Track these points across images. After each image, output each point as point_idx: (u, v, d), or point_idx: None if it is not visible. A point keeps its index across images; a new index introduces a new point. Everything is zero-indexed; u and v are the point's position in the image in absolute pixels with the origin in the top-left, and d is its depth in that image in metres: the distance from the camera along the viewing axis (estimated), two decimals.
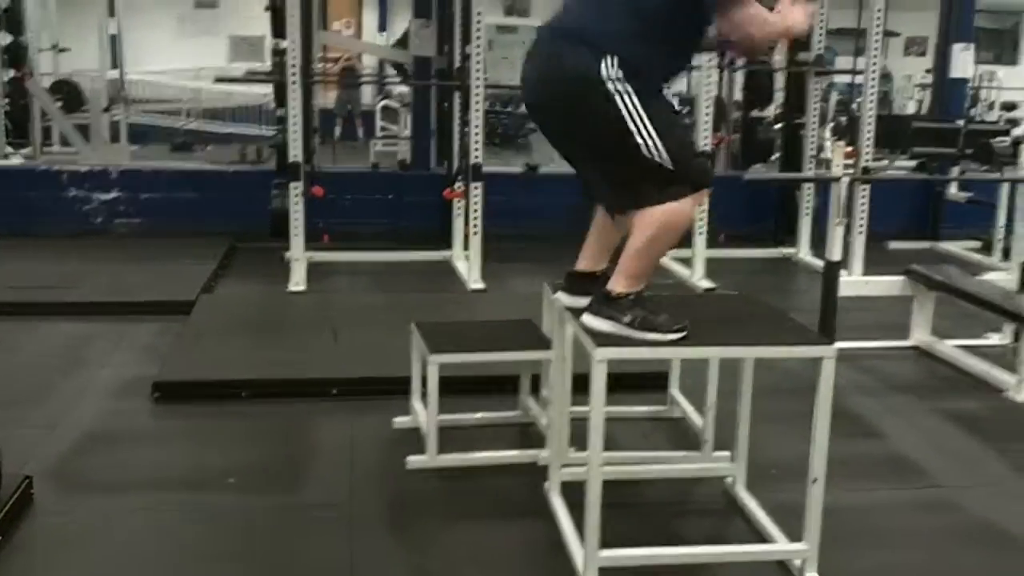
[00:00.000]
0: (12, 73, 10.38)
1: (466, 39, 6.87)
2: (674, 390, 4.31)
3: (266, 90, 10.80)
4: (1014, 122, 12.62)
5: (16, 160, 9.65)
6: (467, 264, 6.82)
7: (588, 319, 3.01)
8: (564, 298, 3.26)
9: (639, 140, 2.84)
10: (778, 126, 8.96)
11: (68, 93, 11.97)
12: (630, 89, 2.83)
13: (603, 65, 2.82)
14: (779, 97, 9.15)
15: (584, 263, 3.28)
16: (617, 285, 2.98)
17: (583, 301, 3.09)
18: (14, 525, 3.18)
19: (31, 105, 10.23)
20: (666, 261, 7.39)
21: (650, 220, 2.91)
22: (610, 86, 2.83)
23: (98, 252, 7.31)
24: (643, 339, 2.93)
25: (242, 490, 3.52)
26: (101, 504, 3.47)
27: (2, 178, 8.29)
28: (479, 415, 4.16)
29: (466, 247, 6.88)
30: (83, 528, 3.27)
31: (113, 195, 8.06)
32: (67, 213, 7.99)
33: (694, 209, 3.04)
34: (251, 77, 9.47)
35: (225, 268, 7.01)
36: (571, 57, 2.88)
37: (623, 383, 3.59)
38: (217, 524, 3.34)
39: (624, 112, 2.84)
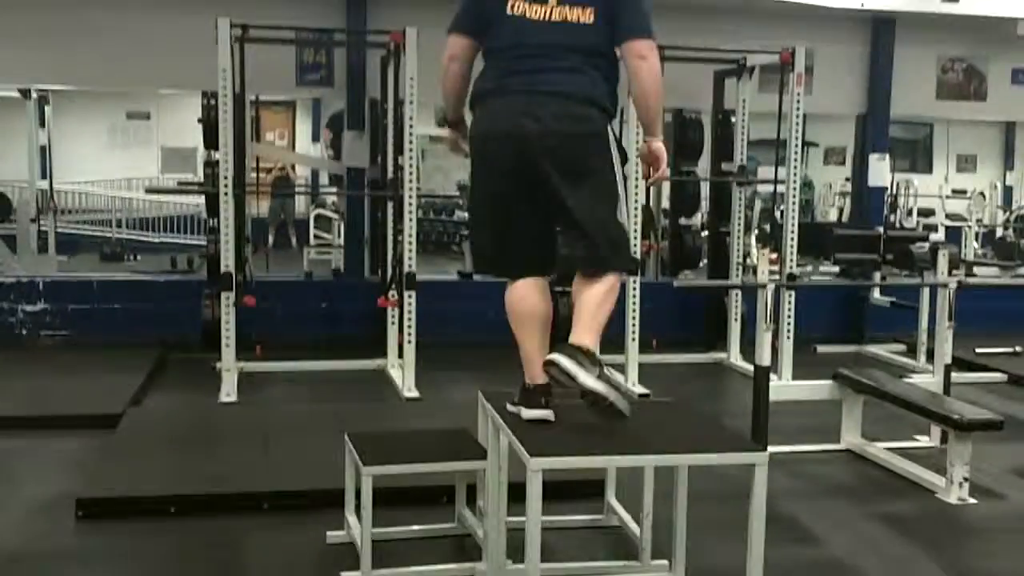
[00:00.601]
0: None
1: (399, 150, 6.97)
2: (610, 497, 4.29)
3: (198, 200, 10.80)
4: (931, 228, 13.14)
5: None
6: (401, 372, 6.79)
7: (587, 381, 3.05)
8: (528, 413, 3.27)
9: (622, 207, 3.18)
10: (705, 233, 9.17)
11: None
12: (619, 159, 3.16)
13: (610, 129, 3.15)
14: (705, 205, 9.39)
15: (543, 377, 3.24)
16: (586, 340, 3.14)
17: (547, 413, 3.22)
18: None
19: None
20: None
21: (608, 283, 3.17)
22: (614, 150, 3.15)
23: (22, 365, 7.15)
24: (608, 396, 3.04)
25: None
26: None
27: None
28: (415, 527, 4.11)
29: (400, 355, 6.85)
30: None
31: (40, 307, 7.91)
32: None
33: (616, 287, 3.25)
34: (183, 188, 9.47)
35: (154, 379, 6.88)
36: (586, 118, 3.13)
37: (560, 491, 3.58)
38: None
39: (617, 177, 3.16)
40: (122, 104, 16.60)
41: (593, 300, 3.18)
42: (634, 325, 6.93)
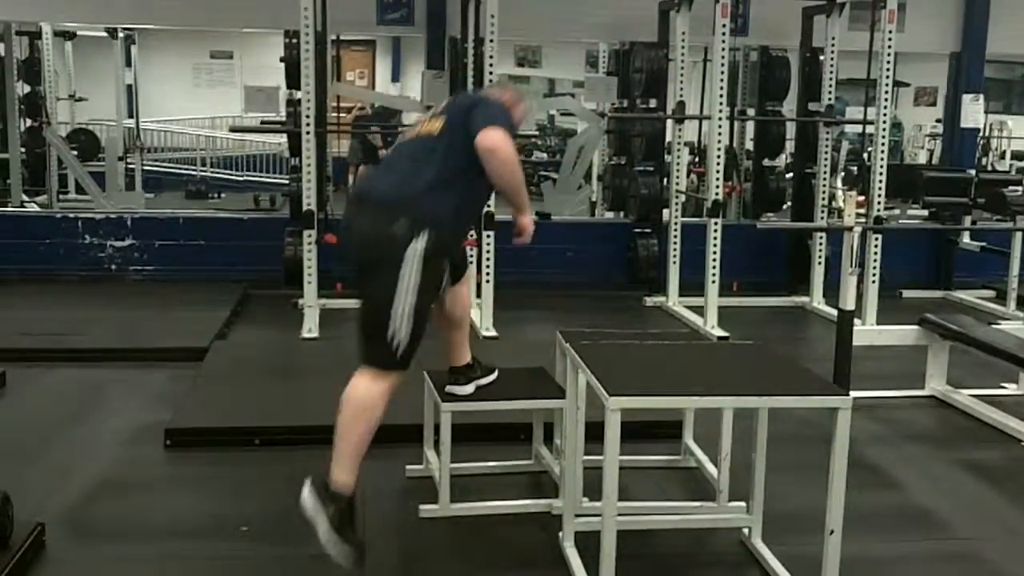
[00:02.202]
0: (30, 122, 10.50)
1: (476, 89, 6.92)
2: (688, 439, 4.29)
3: (280, 139, 10.88)
4: None
5: (32, 208, 9.74)
6: (479, 312, 6.82)
7: (305, 496, 3.15)
8: (455, 389, 3.76)
9: (393, 309, 3.16)
10: (789, 175, 8.99)
11: (84, 142, 12.12)
12: (422, 263, 3.15)
13: (412, 243, 3.13)
14: (790, 146, 9.19)
15: (453, 360, 3.80)
16: (336, 475, 3.18)
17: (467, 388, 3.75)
18: (25, 572, 3.17)
19: (48, 154, 10.35)
20: (679, 310, 7.40)
21: (353, 403, 3.25)
22: (408, 257, 3.14)
23: (112, 299, 7.35)
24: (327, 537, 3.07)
25: (255, 539, 3.50)
26: (113, 552, 3.46)
27: (19, 225, 8.34)
28: (492, 464, 4.15)
29: (478, 295, 6.88)
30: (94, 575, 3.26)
31: (128, 242, 8.10)
32: (82, 260, 8.03)
33: (390, 388, 3.26)
34: (266, 127, 9.54)
35: (238, 315, 7.03)
36: (391, 234, 3.15)
37: (636, 432, 3.58)
38: (228, 573, 3.31)
39: (400, 284, 3.14)
40: (206, 44, 16.76)
41: (340, 423, 3.26)
42: (714, 268, 6.85)
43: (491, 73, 6.56)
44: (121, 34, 11.98)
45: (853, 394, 3.11)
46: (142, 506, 3.84)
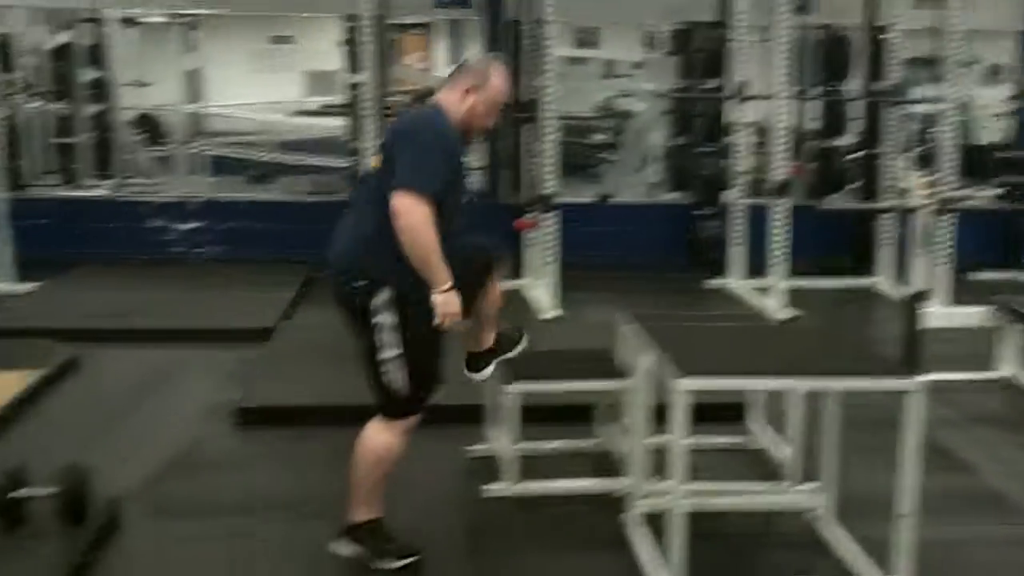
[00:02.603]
0: (96, 108, 10.69)
1: (537, 71, 6.91)
2: (755, 421, 4.25)
3: (341, 122, 10.94)
4: None
5: (99, 192, 9.92)
6: (540, 293, 6.82)
7: (339, 544, 3.25)
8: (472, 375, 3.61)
9: (383, 368, 3.11)
10: (854, 156, 8.85)
11: (150, 127, 12.30)
12: (395, 321, 3.05)
13: (372, 303, 3.04)
14: (855, 126, 9.04)
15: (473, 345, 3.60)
16: (356, 514, 3.25)
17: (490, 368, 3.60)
18: (102, 548, 3.24)
19: (113, 139, 10.53)
20: (741, 292, 7.33)
21: (362, 454, 3.22)
22: (376, 316, 3.05)
23: (178, 281, 7.46)
24: (379, 567, 3.19)
25: (322, 516, 3.54)
26: (184, 528, 3.53)
27: (86, 209, 8.50)
28: (556, 444, 4.15)
29: (539, 276, 6.89)
30: (167, 551, 3.33)
31: (193, 225, 8.22)
32: (148, 243, 8.16)
33: (401, 441, 3.23)
34: (327, 110, 9.61)
35: (303, 296, 7.10)
36: (352, 296, 3.11)
37: (703, 413, 3.56)
38: (298, 549, 3.36)
39: (378, 338, 3.07)
40: (266, 29, 16.92)
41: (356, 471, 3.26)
42: (778, 249, 6.77)
43: (549, 56, 6.53)
44: (184, 20, 12.12)
45: (923, 377, 3.06)
46: (213, 484, 3.91)
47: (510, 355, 3.64)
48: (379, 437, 3.20)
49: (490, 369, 3.60)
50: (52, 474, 3.21)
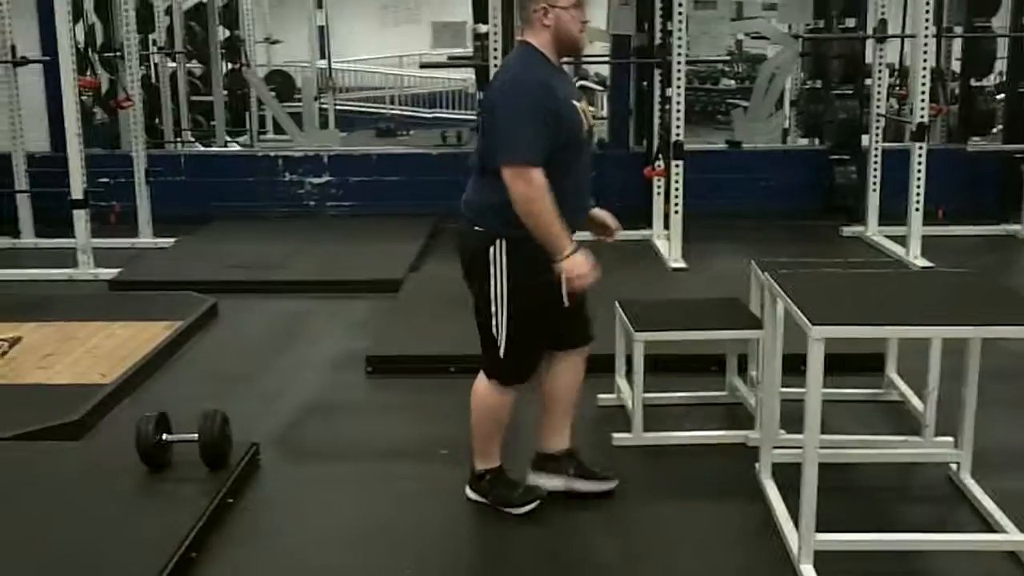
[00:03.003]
0: (230, 66, 10.98)
1: (667, 16, 6.77)
2: (891, 372, 4.12)
3: (467, 74, 10.98)
4: None
5: (235, 147, 10.21)
6: (667, 243, 6.74)
7: (468, 491, 3.30)
8: (535, 478, 3.34)
9: (493, 320, 3.05)
10: (1000, 96, 8.42)
11: (281, 83, 12.59)
12: (507, 275, 2.98)
13: (491, 250, 2.97)
14: (1001, 64, 8.59)
15: (541, 444, 3.38)
16: (477, 462, 3.27)
17: (554, 481, 3.30)
18: (243, 489, 3.37)
19: (248, 95, 10.80)
20: (880, 240, 7.09)
21: (475, 401, 3.22)
22: (492, 267, 2.98)
23: (311, 233, 7.63)
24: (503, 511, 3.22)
25: (452, 462, 3.60)
26: (320, 472, 3.63)
27: (222, 164, 8.75)
28: (684, 394, 4.12)
29: (666, 226, 6.79)
30: (304, 494, 3.44)
31: (325, 179, 8.38)
32: (282, 196, 8.36)
33: (505, 400, 3.19)
34: (454, 62, 9.64)
35: (430, 248, 7.18)
36: (473, 240, 3.04)
37: (836, 364, 3.46)
38: (428, 493, 3.43)
39: (493, 293, 3.00)
40: None
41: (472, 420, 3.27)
42: (918, 195, 6.52)
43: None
44: None
45: None
46: (346, 429, 4.02)
47: (582, 487, 3.32)
48: (486, 393, 3.21)
49: (555, 482, 3.29)
50: (194, 420, 3.34)
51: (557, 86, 3.01)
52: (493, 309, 3.04)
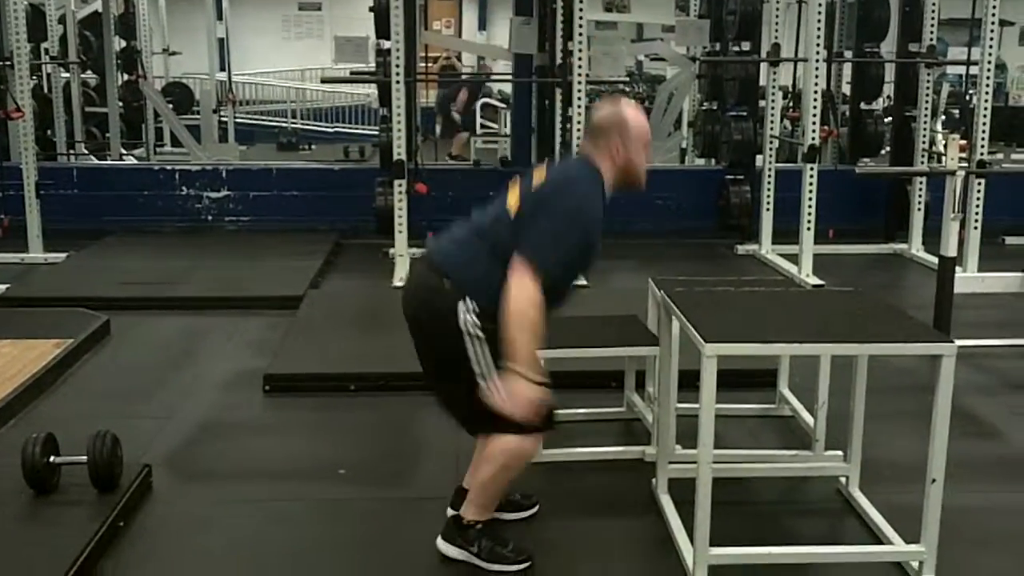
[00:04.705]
0: (126, 77, 10.74)
1: (568, 36, 6.86)
2: (783, 388, 4.23)
3: (369, 90, 10.94)
4: None
5: (130, 160, 9.99)
6: None
7: (441, 543, 3.07)
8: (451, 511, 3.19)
9: (482, 385, 2.82)
10: (888, 119, 8.73)
11: (179, 95, 12.36)
12: (482, 336, 2.80)
13: (460, 308, 2.82)
14: (889, 89, 8.92)
15: (468, 479, 3.24)
16: (468, 512, 3.05)
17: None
18: (134, 512, 3.28)
19: (144, 107, 10.58)
20: (773, 258, 7.28)
21: (496, 452, 2.91)
22: (464, 328, 2.81)
23: (209, 249, 7.50)
24: (488, 569, 3.00)
25: (352, 482, 3.57)
26: (215, 493, 3.56)
27: (117, 178, 8.54)
28: (583, 410, 4.15)
29: None
30: (198, 516, 3.36)
31: (223, 193, 8.25)
32: (179, 211, 8.21)
33: (535, 447, 3.01)
34: (356, 77, 9.59)
35: (331, 264, 7.13)
36: (437, 293, 2.88)
37: (731, 380, 3.54)
38: (328, 514, 3.39)
39: (472, 357, 2.82)
40: None
41: (479, 473, 3.03)
42: (810, 214, 6.71)
43: (580, 18, 6.47)
44: None
45: (954, 341, 3.01)
46: (243, 449, 3.95)
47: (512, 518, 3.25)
48: (516, 444, 2.90)
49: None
50: (83, 441, 3.24)
51: (602, 218, 2.97)
52: (479, 370, 2.82)
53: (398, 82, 6.50)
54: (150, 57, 11.73)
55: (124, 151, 10.23)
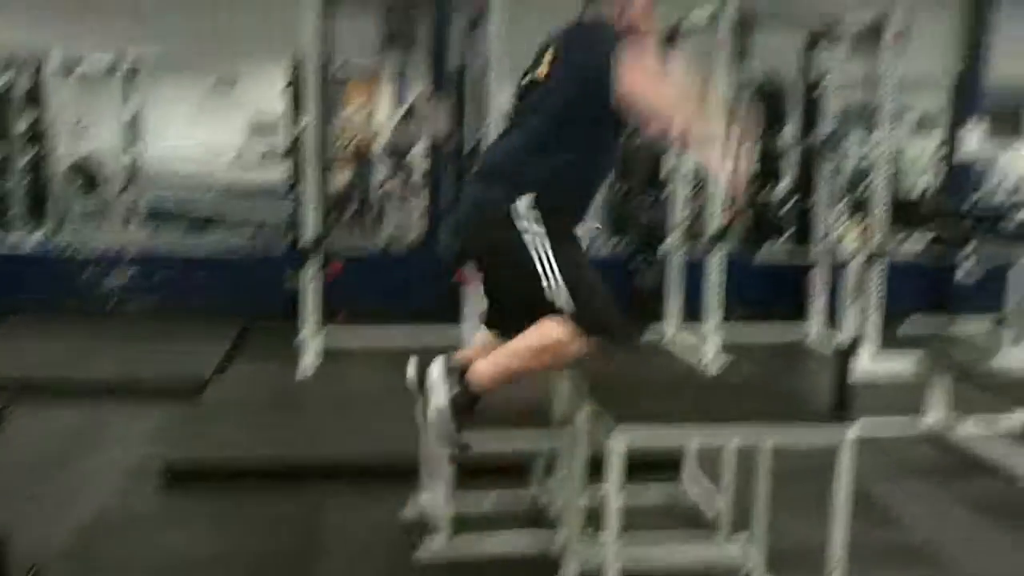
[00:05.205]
0: (33, 153, 10.54)
1: (480, 117, 6.95)
2: (689, 471, 4.26)
3: (283, 169, 10.87)
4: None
5: (33, 240, 9.74)
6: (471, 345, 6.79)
7: (435, 365, 3.08)
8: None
9: (544, 283, 2.91)
10: (788, 205, 8.99)
11: (87, 172, 12.15)
12: (541, 231, 2.89)
13: (515, 206, 2.89)
14: (790, 175, 9.20)
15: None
16: (479, 374, 3.05)
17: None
18: None
19: (49, 184, 10.38)
20: (678, 343, 7.38)
21: (540, 331, 2.94)
22: (522, 226, 2.90)
23: (111, 333, 7.33)
24: (434, 424, 3.06)
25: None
26: None
27: (19, 258, 8.34)
28: (492, 500, 4.11)
29: (475, 326, 6.86)
30: None
31: (128, 276, 8.10)
32: (82, 294, 8.02)
33: (579, 349, 3.03)
34: (269, 157, 9.57)
35: (238, 349, 7.00)
36: (488, 196, 2.96)
37: (638, 465, 3.55)
38: None
39: (533, 254, 2.91)
40: (209, 74, 16.83)
41: (514, 341, 3.05)
42: (714, 299, 6.83)
43: (494, 100, 6.57)
44: (124, 64, 12.03)
45: (853, 427, 3.08)
46: (140, 544, 3.81)
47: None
48: (559, 328, 2.93)
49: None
50: None
51: None
52: (540, 271, 2.90)
53: (311, 162, 6.50)
54: (58, 132, 11.55)
55: (28, 230, 9.98)
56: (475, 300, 6.96)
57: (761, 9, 6.88)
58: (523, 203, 2.92)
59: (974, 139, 9.05)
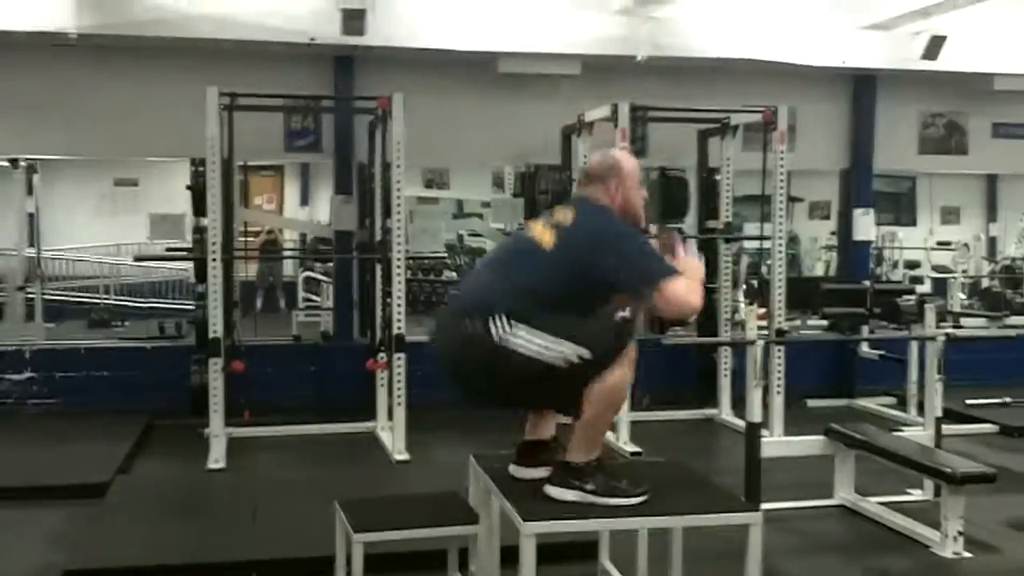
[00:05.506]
0: None
1: (386, 212, 7.00)
2: (604, 559, 4.25)
3: (187, 265, 10.75)
4: (917, 280, 13.20)
5: None
6: (391, 435, 6.75)
7: (552, 490, 3.11)
8: (517, 471, 3.35)
9: (551, 361, 3.00)
10: None
11: None
12: (519, 329, 3.00)
13: (491, 326, 3.01)
14: None
15: (533, 432, 3.42)
16: (576, 456, 3.11)
17: (537, 472, 3.23)
18: None
19: None
20: None
21: (595, 396, 3.06)
22: (499, 339, 3.00)
23: (8, 434, 7.08)
24: (606, 504, 3.06)
25: None
26: None
27: None
28: None
29: (390, 417, 6.82)
30: None
31: (27, 375, 7.87)
32: None
33: (629, 372, 3.15)
34: (171, 254, 9.46)
35: (143, 446, 6.83)
36: (467, 325, 3.06)
37: (552, 554, 3.54)
38: None
39: (522, 351, 3.00)
40: (110, 171, 16.64)
41: (583, 416, 3.16)
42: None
43: (399, 195, 6.64)
44: (23, 163, 11.84)
45: (764, 506, 3.17)
46: None
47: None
48: (607, 380, 3.04)
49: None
50: None
51: None
52: (537, 355, 2.98)
53: (214, 260, 6.46)
54: None
55: None
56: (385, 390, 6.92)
57: (656, 103, 7.14)
58: (497, 321, 3.02)
59: (865, 224, 9.42)
